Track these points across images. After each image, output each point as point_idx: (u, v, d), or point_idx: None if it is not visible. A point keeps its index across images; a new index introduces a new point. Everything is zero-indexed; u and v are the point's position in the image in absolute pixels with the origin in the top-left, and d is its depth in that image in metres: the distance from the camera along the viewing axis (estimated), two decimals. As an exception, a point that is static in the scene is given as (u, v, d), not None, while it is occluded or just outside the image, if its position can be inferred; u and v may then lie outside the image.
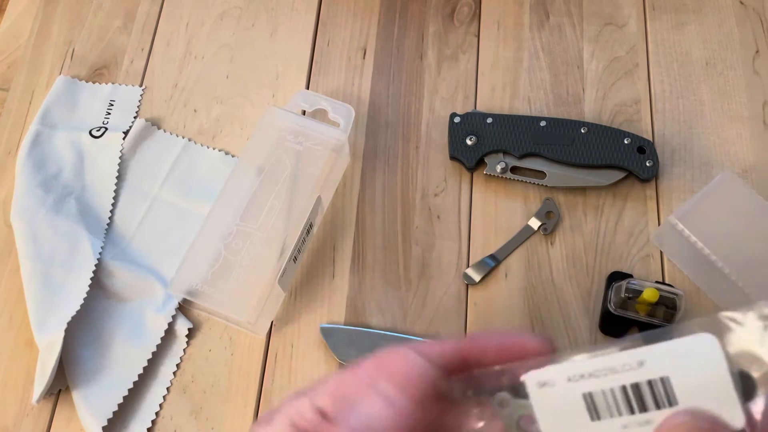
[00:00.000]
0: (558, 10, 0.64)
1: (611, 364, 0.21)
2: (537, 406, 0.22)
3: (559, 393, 0.22)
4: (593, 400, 0.22)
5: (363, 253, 0.56)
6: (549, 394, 0.22)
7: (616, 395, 0.21)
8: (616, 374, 0.21)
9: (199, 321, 0.54)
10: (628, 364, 0.21)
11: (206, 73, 0.63)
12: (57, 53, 0.65)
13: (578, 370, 0.22)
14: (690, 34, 0.63)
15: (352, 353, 0.51)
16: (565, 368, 0.22)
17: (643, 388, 0.21)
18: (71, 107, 0.62)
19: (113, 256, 0.55)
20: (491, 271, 0.55)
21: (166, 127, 0.61)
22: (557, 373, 0.22)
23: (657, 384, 0.21)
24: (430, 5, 0.65)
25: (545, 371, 0.22)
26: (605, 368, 0.21)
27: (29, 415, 0.51)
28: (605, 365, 0.21)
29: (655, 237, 0.55)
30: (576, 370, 0.22)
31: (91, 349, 0.52)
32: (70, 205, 0.56)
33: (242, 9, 0.66)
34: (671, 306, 0.49)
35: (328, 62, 0.63)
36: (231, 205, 0.53)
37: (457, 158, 0.58)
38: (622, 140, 0.56)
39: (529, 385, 0.22)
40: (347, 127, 0.57)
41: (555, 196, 0.57)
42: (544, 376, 0.22)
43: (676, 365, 0.21)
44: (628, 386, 0.21)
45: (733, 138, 0.58)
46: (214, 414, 0.51)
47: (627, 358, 0.21)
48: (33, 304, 0.52)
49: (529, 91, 0.61)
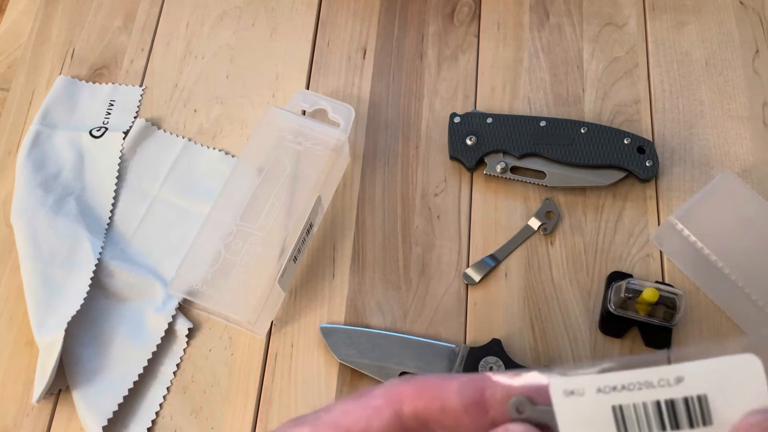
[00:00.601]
0: (558, 10, 0.64)
1: (647, 378, 0.21)
2: (560, 414, 0.21)
3: (587, 403, 0.21)
4: (623, 413, 0.21)
5: (363, 253, 0.56)
6: (575, 404, 0.21)
7: (648, 410, 0.21)
8: (652, 389, 0.21)
9: (199, 321, 0.54)
10: (665, 380, 0.20)
11: (206, 73, 0.63)
12: (57, 53, 0.65)
13: (610, 381, 0.21)
14: (690, 34, 0.63)
15: (352, 353, 0.51)
16: (596, 378, 0.21)
17: (678, 406, 0.21)
18: (71, 107, 0.62)
19: (113, 256, 0.55)
20: (491, 271, 0.55)
21: (166, 127, 0.61)
22: (587, 383, 0.21)
23: (694, 402, 0.21)
24: (430, 5, 0.65)
25: (574, 380, 0.21)
26: (640, 382, 0.21)
27: (29, 414, 0.51)
28: (640, 378, 0.21)
29: (655, 237, 0.55)
30: (608, 381, 0.21)
31: (91, 348, 0.52)
32: (70, 205, 0.56)
33: (242, 9, 0.66)
34: (671, 306, 0.49)
35: (328, 62, 0.63)
36: (231, 205, 0.53)
37: (457, 158, 0.58)
38: (622, 140, 0.56)
39: (554, 392, 0.21)
40: (347, 127, 0.57)
41: (555, 196, 0.57)
42: (573, 384, 0.21)
43: (715, 384, 0.20)
44: (662, 402, 0.21)
45: (733, 138, 0.58)
46: (214, 414, 0.51)
47: (665, 373, 0.20)
48: (33, 304, 0.52)
49: (529, 91, 0.61)
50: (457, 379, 0.25)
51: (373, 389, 0.26)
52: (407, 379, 0.25)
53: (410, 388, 0.25)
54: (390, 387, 0.25)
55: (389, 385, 0.25)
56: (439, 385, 0.25)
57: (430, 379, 0.25)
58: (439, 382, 0.25)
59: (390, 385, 0.25)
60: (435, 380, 0.25)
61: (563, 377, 0.21)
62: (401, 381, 0.25)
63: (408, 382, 0.25)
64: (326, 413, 0.26)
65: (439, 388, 0.25)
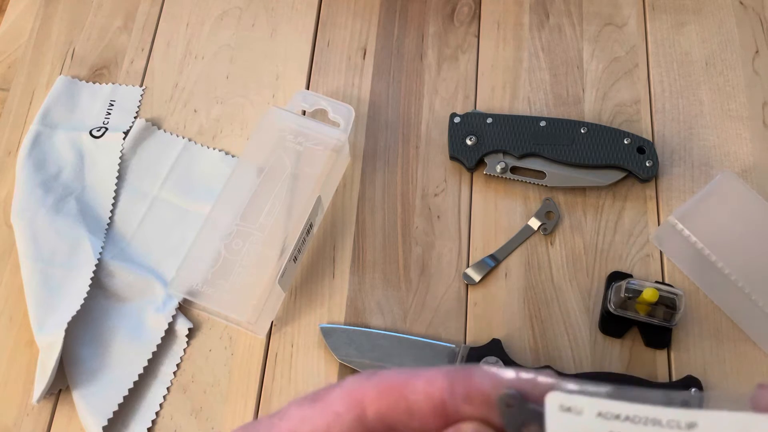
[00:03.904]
0: (558, 10, 0.64)
1: (656, 415, 0.19)
2: (551, 427, 0.20)
3: (582, 424, 0.20)
4: None
5: (363, 253, 0.56)
6: (569, 421, 0.20)
7: None
8: (659, 427, 0.19)
9: (199, 321, 0.54)
10: (675, 421, 0.19)
11: (206, 73, 0.63)
12: (57, 53, 0.65)
13: (615, 409, 0.20)
14: (690, 34, 0.63)
15: (352, 353, 0.51)
16: (600, 402, 0.20)
17: None
18: (71, 107, 0.62)
19: (113, 256, 0.55)
20: (491, 271, 0.55)
21: (166, 127, 0.61)
22: (588, 404, 0.20)
23: None
24: (430, 5, 0.65)
25: (575, 398, 0.20)
26: (648, 418, 0.19)
27: (29, 414, 0.51)
28: (649, 414, 0.19)
29: (655, 237, 0.55)
30: (612, 408, 0.20)
31: (92, 348, 0.52)
32: (71, 205, 0.56)
33: (242, 9, 0.66)
34: (671, 306, 0.49)
35: (328, 62, 0.63)
36: (231, 205, 0.53)
37: (457, 158, 0.58)
38: (622, 140, 0.56)
39: (550, 405, 0.20)
40: (347, 127, 0.57)
41: (555, 196, 0.57)
42: (572, 401, 0.20)
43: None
44: None
45: (733, 138, 0.58)
46: (214, 414, 0.51)
47: (677, 415, 0.19)
48: (33, 304, 0.52)
49: (529, 91, 0.61)
50: (422, 375, 0.22)
51: (331, 390, 0.23)
52: (369, 376, 0.23)
53: (372, 389, 0.23)
54: (350, 389, 0.23)
55: (349, 385, 0.23)
56: (403, 384, 0.22)
57: (394, 376, 0.23)
58: (404, 379, 0.23)
59: (350, 385, 0.23)
60: (399, 378, 0.23)
61: (562, 393, 0.20)
62: (362, 379, 0.23)
63: (369, 380, 0.23)
64: (281, 419, 0.24)
65: (403, 386, 0.22)
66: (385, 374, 0.23)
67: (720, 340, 0.52)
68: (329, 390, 0.23)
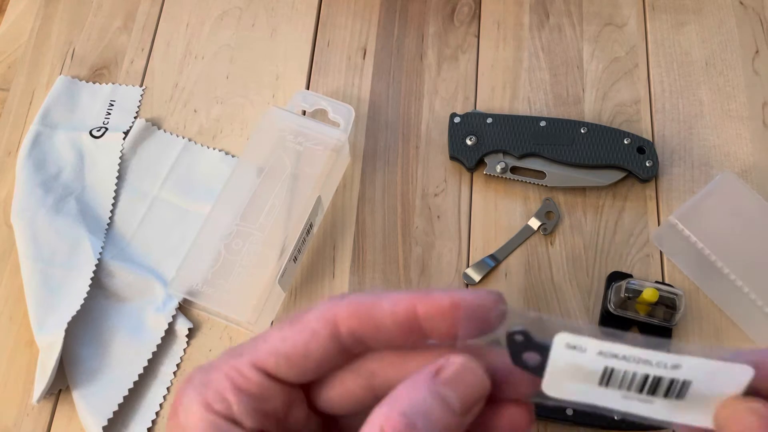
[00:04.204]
0: (558, 10, 0.64)
1: (648, 357, 0.22)
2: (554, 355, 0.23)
3: (583, 358, 0.23)
4: (612, 373, 0.23)
5: (363, 253, 0.56)
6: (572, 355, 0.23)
7: (636, 378, 0.23)
8: (647, 366, 0.22)
9: (199, 321, 0.54)
10: (663, 363, 0.22)
11: (206, 73, 0.63)
12: (57, 53, 0.65)
13: (614, 349, 0.23)
14: (690, 34, 0.63)
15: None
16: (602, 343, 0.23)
17: (663, 382, 0.23)
18: (71, 107, 0.62)
19: (113, 256, 0.55)
20: (491, 271, 0.55)
21: (166, 127, 0.61)
22: (592, 345, 0.23)
23: (677, 383, 0.23)
24: (430, 5, 0.65)
25: (583, 339, 0.23)
26: (640, 359, 0.22)
27: (29, 415, 0.51)
28: (642, 356, 0.22)
29: (655, 237, 0.55)
30: (611, 349, 0.23)
31: (91, 348, 0.52)
32: (71, 205, 0.56)
33: (242, 9, 0.66)
34: (671, 306, 0.49)
35: (328, 62, 0.63)
36: (231, 205, 0.53)
37: (457, 158, 0.58)
38: (622, 140, 0.56)
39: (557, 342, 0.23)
40: (347, 127, 0.57)
41: (555, 196, 0.57)
42: (579, 342, 0.23)
43: (704, 377, 0.22)
44: (651, 376, 0.23)
45: (732, 138, 0.58)
46: (214, 414, 0.51)
47: (665, 358, 0.22)
48: (33, 304, 0.52)
49: (529, 91, 0.61)
50: (388, 297, 0.25)
51: (307, 312, 0.26)
52: (341, 298, 0.26)
53: (344, 309, 0.25)
54: (324, 309, 0.25)
55: (323, 306, 0.26)
56: (371, 305, 0.25)
57: (363, 297, 0.25)
58: (372, 300, 0.25)
59: (324, 306, 0.26)
60: (367, 299, 0.25)
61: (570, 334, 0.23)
62: (335, 301, 0.26)
63: (342, 301, 0.25)
64: (264, 342, 0.26)
65: (371, 307, 0.25)
66: (355, 296, 0.26)
67: (720, 340, 0.52)
68: (305, 312, 0.26)
